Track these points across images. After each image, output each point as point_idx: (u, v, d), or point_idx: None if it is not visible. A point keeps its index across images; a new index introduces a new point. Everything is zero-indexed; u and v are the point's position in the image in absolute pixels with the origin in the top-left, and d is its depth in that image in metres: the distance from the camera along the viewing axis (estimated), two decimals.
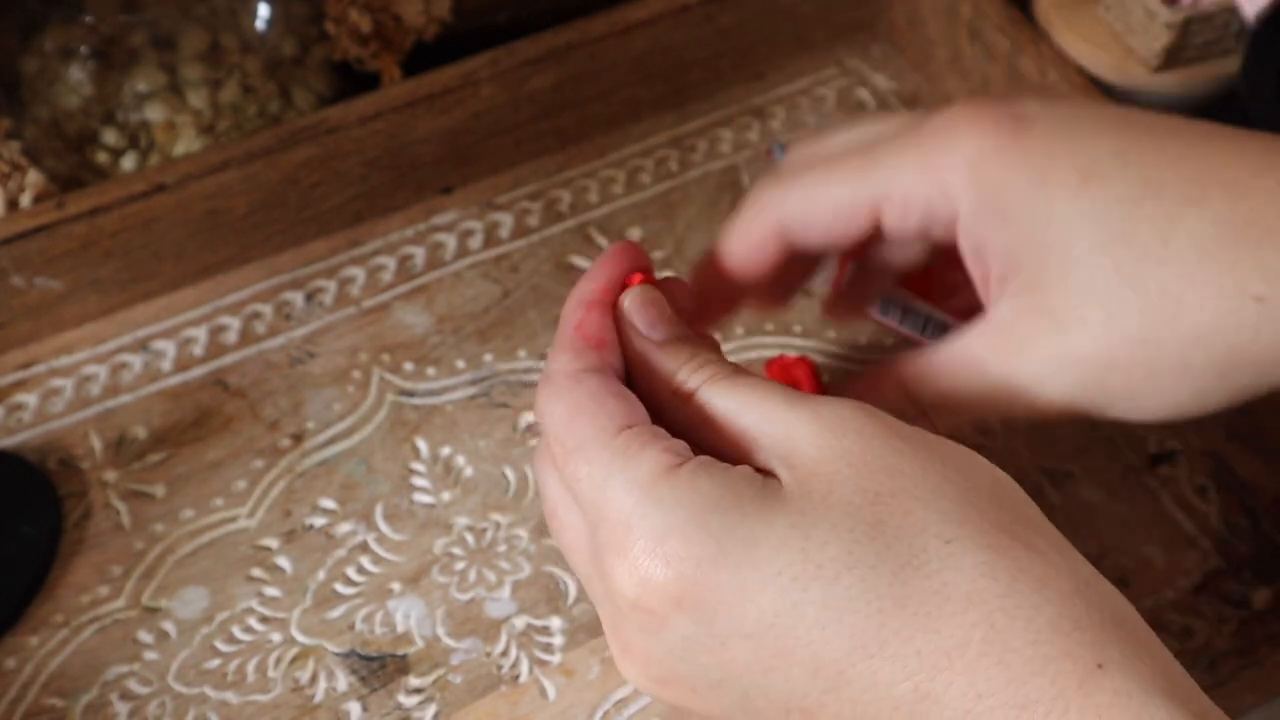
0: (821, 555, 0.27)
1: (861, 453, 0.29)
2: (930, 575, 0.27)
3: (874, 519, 0.28)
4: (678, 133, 0.56)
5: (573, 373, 0.32)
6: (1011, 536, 0.28)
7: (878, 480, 0.28)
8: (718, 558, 0.28)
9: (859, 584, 0.27)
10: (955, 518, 0.28)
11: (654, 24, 0.55)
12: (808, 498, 0.28)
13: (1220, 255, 0.32)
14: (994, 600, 0.27)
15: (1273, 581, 0.44)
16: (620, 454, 0.30)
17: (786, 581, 0.27)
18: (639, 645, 0.30)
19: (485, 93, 0.54)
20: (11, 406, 0.47)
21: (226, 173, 0.50)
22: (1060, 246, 0.33)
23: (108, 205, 0.49)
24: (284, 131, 0.51)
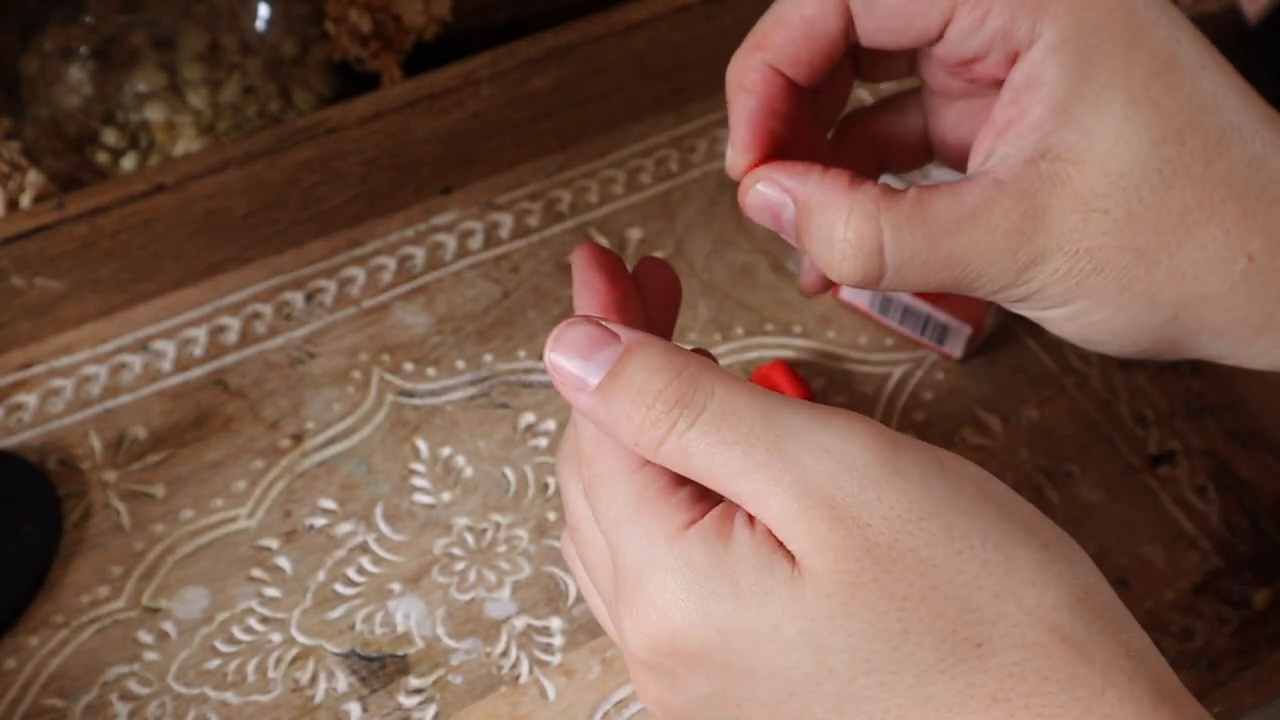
0: (837, 661, 0.27)
1: (888, 546, 0.26)
2: (955, 678, 0.26)
3: (900, 629, 0.26)
4: (678, 133, 0.56)
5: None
6: (1049, 629, 0.26)
7: (907, 582, 0.26)
8: (722, 645, 0.27)
9: (876, 687, 0.26)
10: (990, 616, 0.26)
11: (654, 24, 0.55)
12: (826, 603, 0.27)
13: (1242, 201, 0.31)
14: (1019, 700, 0.26)
15: (1273, 582, 0.44)
16: (638, 496, 0.29)
17: (798, 676, 0.27)
18: (654, 691, 0.30)
19: (485, 93, 0.54)
20: (11, 406, 0.47)
21: (226, 173, 0.50)
22: (1116, 124, 0.30)
23: (108, 205, 0.49)
24: (284, 131, 0.51)
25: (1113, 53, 0.30)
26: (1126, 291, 0.31)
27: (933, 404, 0.48)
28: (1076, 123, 0.30)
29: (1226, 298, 0.31)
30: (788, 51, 0.33)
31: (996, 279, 0.31)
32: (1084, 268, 0.31)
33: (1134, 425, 0.48)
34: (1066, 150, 0.30)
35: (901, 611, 0.26)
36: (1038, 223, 0.31)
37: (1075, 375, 0.49)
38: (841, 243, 0.31)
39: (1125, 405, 0.48)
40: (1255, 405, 0.48)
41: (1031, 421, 0.48)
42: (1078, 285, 0.31)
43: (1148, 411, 0.48)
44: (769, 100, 0.33)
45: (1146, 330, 0.32)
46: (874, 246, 0.31)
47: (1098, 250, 0.31)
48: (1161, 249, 0.31)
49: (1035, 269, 0.31)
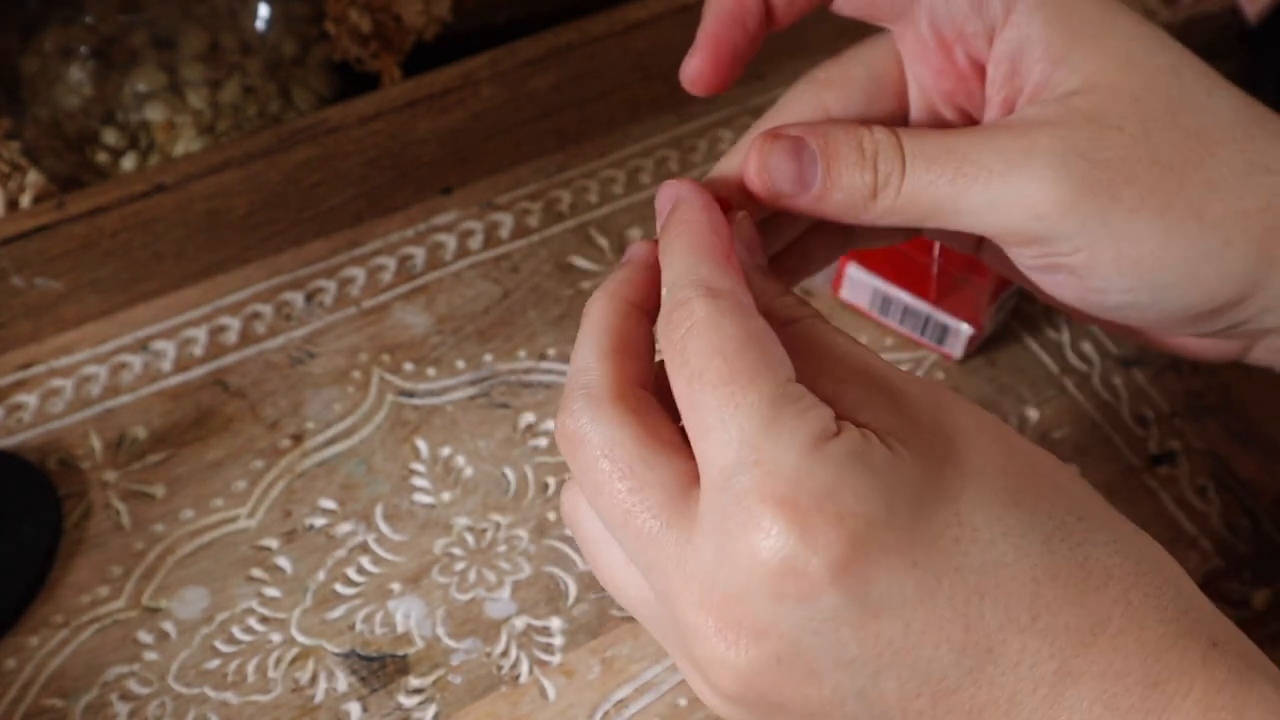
0: (976, 519, 0.27)
1: (976, 426, 0.29)
2: (1074, 548, 0.28)
3: (1012, 488, 0.28)
4: (678, 133, 0.56)
5: (744, 303, 0.29)
6: (1120, 521, 0.29)
7: (1000, 456, 0.28)
8: (888, 518, 0.26)
9: (1013, 551, 0.27)
10: (1082, 500, 0.29)
11: (654, 24, 0.56)
12: (942, 466, 0.28)
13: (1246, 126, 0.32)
14: (1128, 578, 0.28)
15: (1272, 582, 0.44)
16: (793, 401, 0.27)
17: (948, 544, 0.27)
18: (763, 618, 0.27)
19: (485, 93, 0.54)
20: (11, 406, 0.47)
21: (226, 173, 0.50)
22: (1121, 56, 0.31)
23: (108, 205, 0.49)
24: (284, 131, 0.51)
25: (1093, 6, 0.31)
26: (1170, 207, 0.30)
27: None
28: (1080, 65, 0.31)
29: (1269, 212, 0.31)
30: None
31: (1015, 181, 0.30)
32: (1114, 178, 0.30)
33: (1134, 425, 0.48)
34: (1075, 87, 0.31)
35: (1010, 477, 0.28)
36: (1050, 130, 0.30)
37: (1075, 375, 0.49)
38: (871, 144, 0.32)
39: (1125, 405, 0.48)
40: (1255, 405, 0.48)
41: (1031, 421, 0.48)
42: (1113, 198, 0.30)
43: (1148, 411, 0.48)
44: (738, 7, 0.33)
45: (1204, 260, 0.31)
46: (895, 145, 0.32)
47: (1121, 162, 0.30)
48: (1186, 164, 0.31)
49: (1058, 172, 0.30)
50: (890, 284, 0.48)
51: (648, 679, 0.41)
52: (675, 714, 0.41)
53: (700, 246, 0.30)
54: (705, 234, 0.30)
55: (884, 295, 0.48)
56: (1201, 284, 0.31)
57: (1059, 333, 0.50)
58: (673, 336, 0.28)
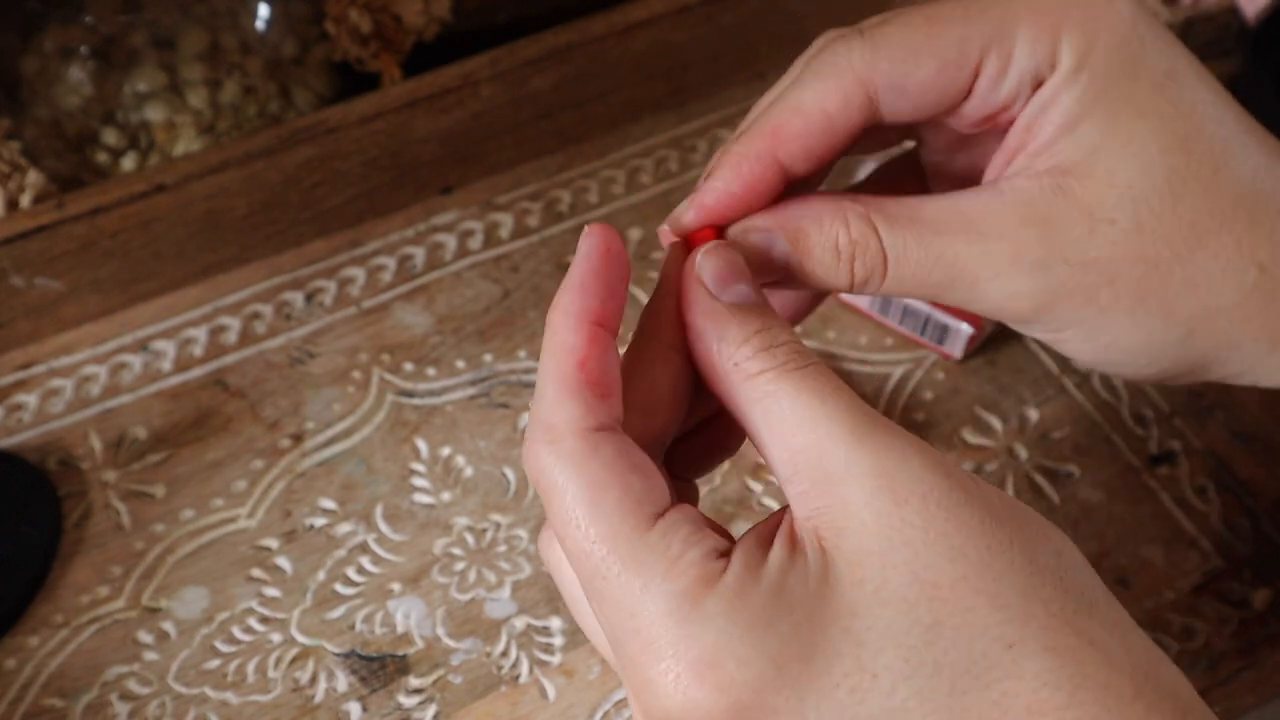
0: (877, 664, 0.25)
1: (923, 528, 0.26)
2: (990, 685, 0.25)
3: (931, 619, 0.26)
4: (678, 133, 0.56)
5: (584, 434, 0.27)
6: (1076, 633, 0.26)
7: (937, 568, 0.26)
8: (775, 680, 0.25)
9: (915, 697, 0.25)
10: (1019, 615, 0.26)
11: (654, 24, 0.55)
12: (859, 589, 0.26)
13: (1250, 209, 0.31)
14: (1054, 713, 0.25)
15: (1272, 582, 0.44)
16: (659, 556, 0.26)
17: (844, 695, 0.26)
18: None
19: (485, 93, 0.54)
20: (11, 406, 0.47)
21: (226, 173, 0.50)
22: (1123, 137, 0.30)
23: (108, 205, 0.49)
24: (284, 131, 0.51)
25: (1120, 69, 0.30)
26: (1141, 306, 0.31)
27: (933, 404, 0.48)
28: (1084, 139, 0.30)
29: (1240, 309, 0.31)
30: (799, 145, 0.31)
31: (998, 285, 0.31)
32: (1093, 280, 0.31)
33: (1134, 425, 0.48)
34: (1073, 165, 0.30)
35: (931, 601, 0.26)
36: (1039, 231, 0.30)
37: (1075, 375, 0.49)
38: (848, 246, 0.31)
39: (1125, 405, 0.48)
40: (1255, 405, 0.48)
41: (1031, 421, 0.48)
42: (1087, 300, 0.31)
43: (1148, 411, 0.48)
44: (754, 186, 0.32)
45: (1163, 348, 0.32)
46: (876, 246, 0.31)
47: (1107, 262, 0.31)
48: (1174, 259, 0.31)
49: (1039, 278, 0.31)
50: None
51: None
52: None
53: (553, 359, 0.29)
54: (563, 335, 0.29)
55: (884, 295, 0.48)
56: (1157, 366, 0.32)
57: None
58: (532, 479, 0.28)
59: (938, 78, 0.31)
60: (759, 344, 0.29)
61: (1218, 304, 0.31)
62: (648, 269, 0.51)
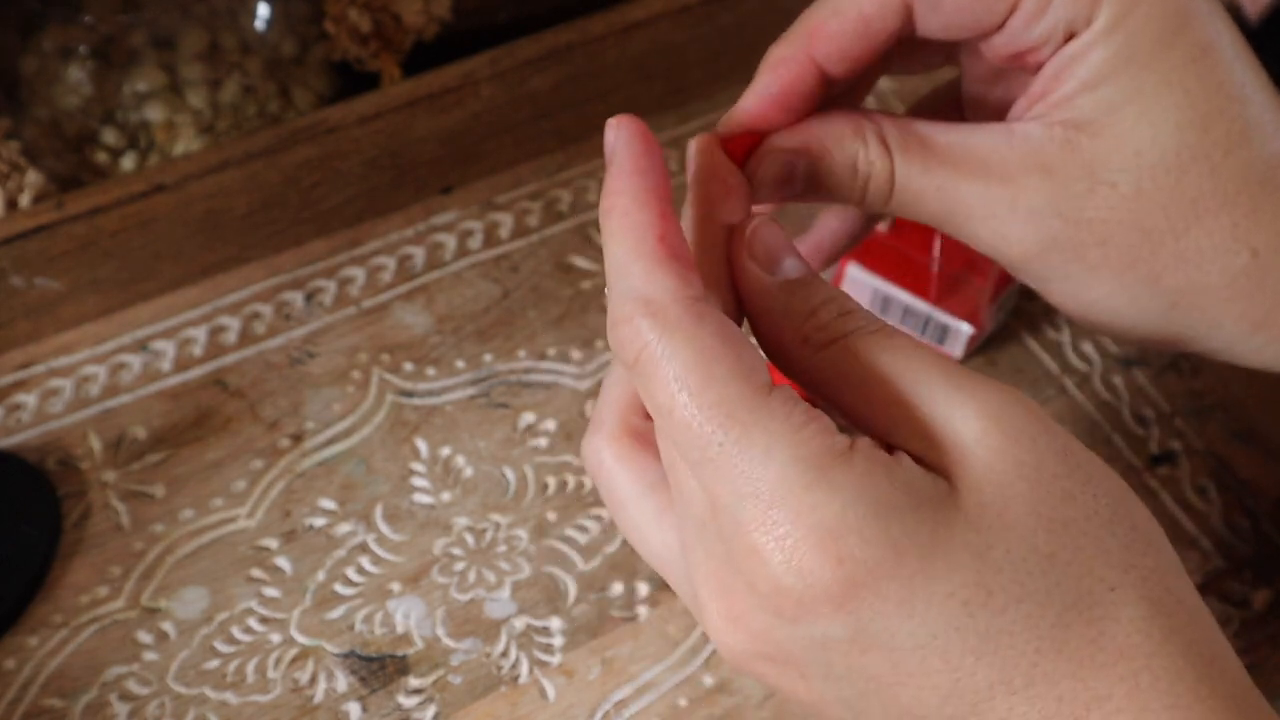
0: (994, 581, 0.26)
1: (1036, 468, 0.26)
2: (1091, 623, 0.26)
3: (1048, 550, 0.26)
4: (678, 133, 0.56)
5: (688, 303, 0.26)
6: (1166, 590, 0.27)
7: (1051, 505, 0.26)
8: (893, 567, 0.25)
9: (1024, 620, 0.26)
10: (1121, 563, 0.26)
11: (654, 24, 0.55)
12: (983, 512, 0.26)
13: (1256, 195, 0.31)
14: (1143, 659, 0.26)
15: (1273, 582, 0.44)
16: (784, 420, 0.26)
17: (956, 605, 0.25)
18: (759, 624, 0.27)
19: (485, 93, 0.54)
20: (11, 406, 0.47)
21: (226, 173, 0.50)
22: (1142, 105, 0.30)
23: (107, 205, 0.49)
24: (284, 131, 0.51)
25: (1155, 37, 0.30)
26: (1129, 271, 0.31)
27: None
28: (1104, 99, 0.31)
29: (1227, 289, 0.31)
30: (836, 46, 0.31)
31: (991, 225, 0.31)
32: (1084, 239, 0.31)
33: (1134, 425, 0.48)
34: (1087, 123, 0.31)
35: (1049, 533, 0.26)
36: (1040, 180, 0.31)
37: (1075, 375, 0.49)
38: (865, 165, 0.32)
39: (1125, 405, 0.48)
40: (1255, 405, 0.48)
41: None
42: (1076, 256, 0.31)
43: (1148, 411, 0.48)
44: (792, 87, 0.32)
45: (1147, 315, 0.32)
46: (887, 170, 0.32)
47: (1100, 224, 0.31)
48: (1168, 232, 0.31)
49: (1031, 227, 0.31)
50: (890, 284, 0.48)
51: (648, 679, 0.41)
52: (675, 714, 0.41)
53: (629, 237, 0.27)
54: (633, 215, 0.27)
55: (884, 295, 0.48)
56: (1138, 331, 0.33)
57: (1059, 333, 0.50)
58: (625, 359, 0.27)
59: (973, 2, 0.31)
60: (827, 314, 0.28)
61: (1204, 281, 0.31)
62: None
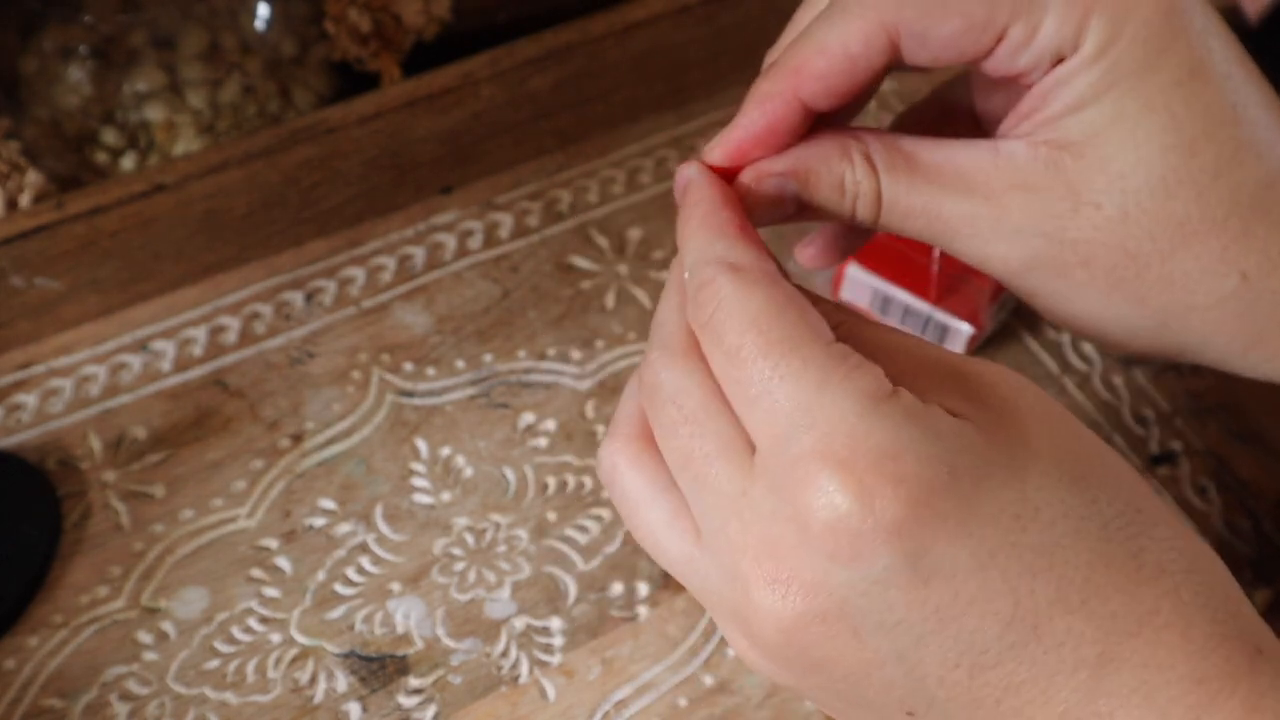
0: (1039, 498, 0.27)
1: (1045, 410, 0.28)
2: (1130, 538, 0.27)
3: (1080, 473, 0.27)
4: (678, 133, 0.56)
5: (767, 269, 0.29)
6: (1180, 523, 0.29)
7: (1067, 439, 0.28)
8: (950, 484, 0.26)
9: (1072, 534, 0.27)
10: (1140, 491, 0.28)
11: (654, 24, 0.56)
12: (1010, 440, 0.27)
13: (1246, 218, 0.31)
14: (1180, 575, 0.27)
15: (1273, 582, 0.44)
16: (841, 360, 0.27)
17: (1008, 520, 0.26)
18: (813, 573, 0.27)
19: (485, 93, 0.54)
20: (11, 406, 0.47)
21: (226, 173, 0.50)
22: (1126, 128, 0.31)
23: (107, 205, 0.49)
24: (284, 131, 0.51)
25: (1141, 60, 0.30)
26: (1115, 291, 0.32)
27: None
28: (1088, 123, 0.31)
29: (1215, 311, 0.32)
30: (822, 85, 0.31)
31: (976, 243, 0.32)
32: (1069, 259, 0.31)
33: (1134, 425, 0.48)
34: (1071, 144, 0.31)
35: (1077, 460, 0.28)
36: (1024, 200, 0.31)
37: (1075, 375, 0.49)
38: (852, 185, 0.32)
39: (1125, 405, 0.48)
40: (1256, 405, 0.48)
41: None
42: (1060, 274, 0.32)
43: (1148, 411, 0.48)
44: (778, 124, 0.32)
45: (1136, 331, 0.33)
46: (874, 190, 0.32)
47: (1085, 244, 0.31)
48: (1154, 254, 0.31)
49: (1015, 245, 0.31)
50: (890, 284, 0.48)
51: (648, 679, 0.41)
52: (675, 714, 0.41)
53: (712, 223, 0.30)
54: (717, 209, 0.30)
55: (884, 295, 0.48)
56: (1130, 346, 0.33)
57: (1059, 332, 0.50)
58: (701, 318, 0.29)
59: (961, 36, 0.31)
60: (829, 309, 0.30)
61: (1191, 302, 0.32)
62: (647, 269, 0.51)
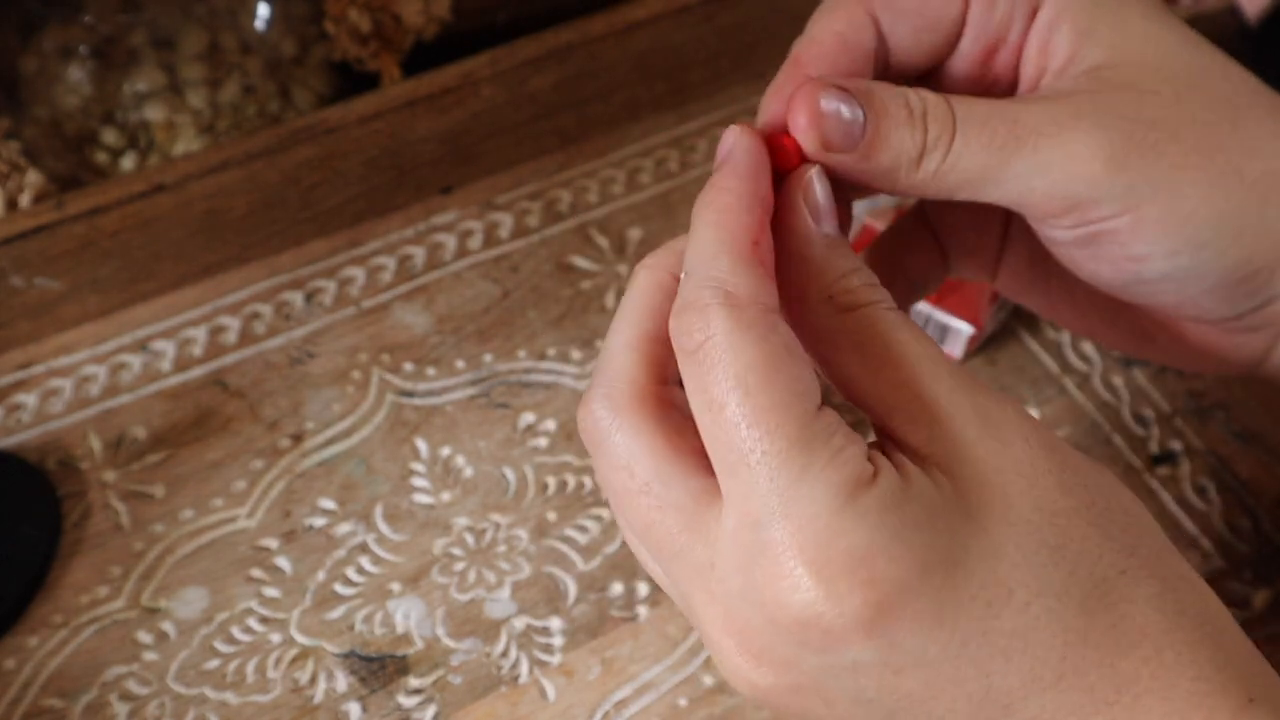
0: (1012, 579, 0.26)
1: (1030, 464, 0.27)
2: (1110, 606, 0.26)
3: (1056, 542, 0.26)
4: (678, 133, 0.56)
5: (766, 309, 0.27)
6: (1169, 568, 0.27)
7: (1052, 499, 0.27)
8: (921, 581, 0.26)
9: (1047, 613, 0.26)
10: (1126, 546, 0.27)
11: (654, 24, 0.56)
12: (989, 511, 0.26)
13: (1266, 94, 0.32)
14: (1163, 635, 0.26)
15: (1273, 582, 0.44)
16: (825, 443, 0.26)
17: (981, 607, 0.26)
18: (784, 656, 0.27)
19: (485, 93, 0.54)
20: (11, 407, 0.47)
21: (226, 173, 0.50)
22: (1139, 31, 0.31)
23: (107, 205, 0.49)
24: (284, 131, 0.51)
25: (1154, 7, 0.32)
26: (1212, 162, 0.31)
27: None
28: (1104, 37, 0.31)
29: None
30: (822, 67, 0.31)
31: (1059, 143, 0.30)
32: (1158, 136, 0.30)
33: (1134, 425, 0.48)
34: (1102, 65, 0.31)
35: (1053, 526, 0.27)
36: (1092, 99, 0.30)
37: (1075, 375, 0.49)
38: (919, 103, 0.30)
39: (1125, 405, 0.48)
40: (1256, 405, 0.48)
41: None
42: (1159, 155, 0.30)
43: (1148, 411, 0.48)
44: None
45: (1244, 217, 0.31)
46: (944, 104, 0.30)
47: (1165, 121, 0.30)
48: (1223, 121, 0.31)
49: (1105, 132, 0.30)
50: None
51: (648, 679, 0.41)
52: (675, 714, 0.41)
53: (728, 226, 0.28)
54: (740, 209, 0.28)
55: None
56: (1242, 241, 0.31)
57: (1059, 332, 0.50)
58: (686, 345, 0.27)
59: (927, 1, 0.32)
60: (858, 280, 0.28)
61: (1277, 168, 0.31)
62: None
